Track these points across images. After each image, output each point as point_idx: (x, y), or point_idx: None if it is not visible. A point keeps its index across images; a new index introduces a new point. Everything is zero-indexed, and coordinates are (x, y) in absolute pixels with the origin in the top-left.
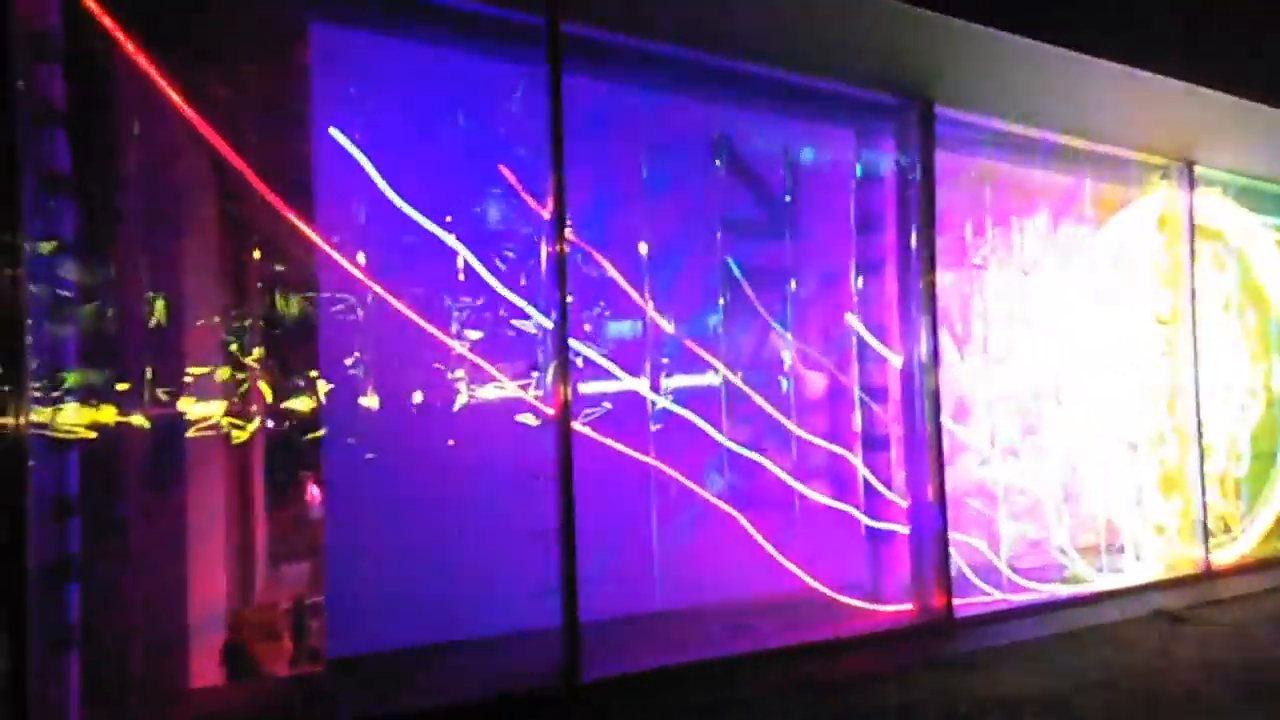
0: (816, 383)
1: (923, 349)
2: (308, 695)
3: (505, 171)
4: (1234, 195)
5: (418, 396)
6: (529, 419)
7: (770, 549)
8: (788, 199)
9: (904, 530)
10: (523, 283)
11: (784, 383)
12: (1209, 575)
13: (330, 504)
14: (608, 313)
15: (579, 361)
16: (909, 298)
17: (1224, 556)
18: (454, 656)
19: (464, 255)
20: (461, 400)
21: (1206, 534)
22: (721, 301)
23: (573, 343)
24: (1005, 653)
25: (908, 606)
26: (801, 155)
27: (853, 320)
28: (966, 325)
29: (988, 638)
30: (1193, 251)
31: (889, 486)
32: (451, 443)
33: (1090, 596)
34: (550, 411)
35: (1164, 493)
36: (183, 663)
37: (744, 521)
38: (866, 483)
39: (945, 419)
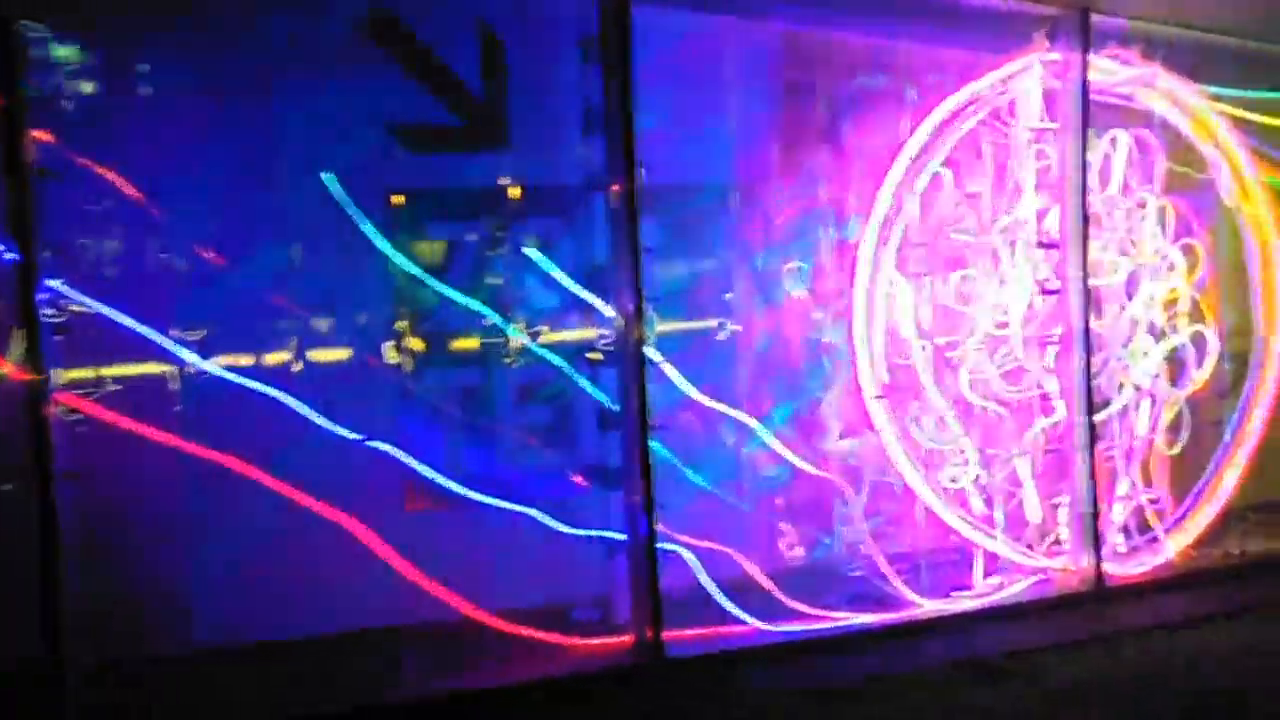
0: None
1: (628, 299)
2: None
3: None
4: (1164, 57)
5: None
6: None
7: (398, 564)
8: (485, 93)
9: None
10: None
11: (399, 354)
12: (1098, 596)
13: None
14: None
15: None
16: (618, 227)
17: (1129, 568)
18: None
19: None
20: None
21: (1097, 536)
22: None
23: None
24: None
25: (626, 639)
26: (504, 31)
27: (535, 255)
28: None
29: (692, 695)
30: (1085, 141)
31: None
32: None
33: (892, 629)
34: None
35: (1033, 480)
36: None
37: (361, 531)
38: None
39: (695, 391)
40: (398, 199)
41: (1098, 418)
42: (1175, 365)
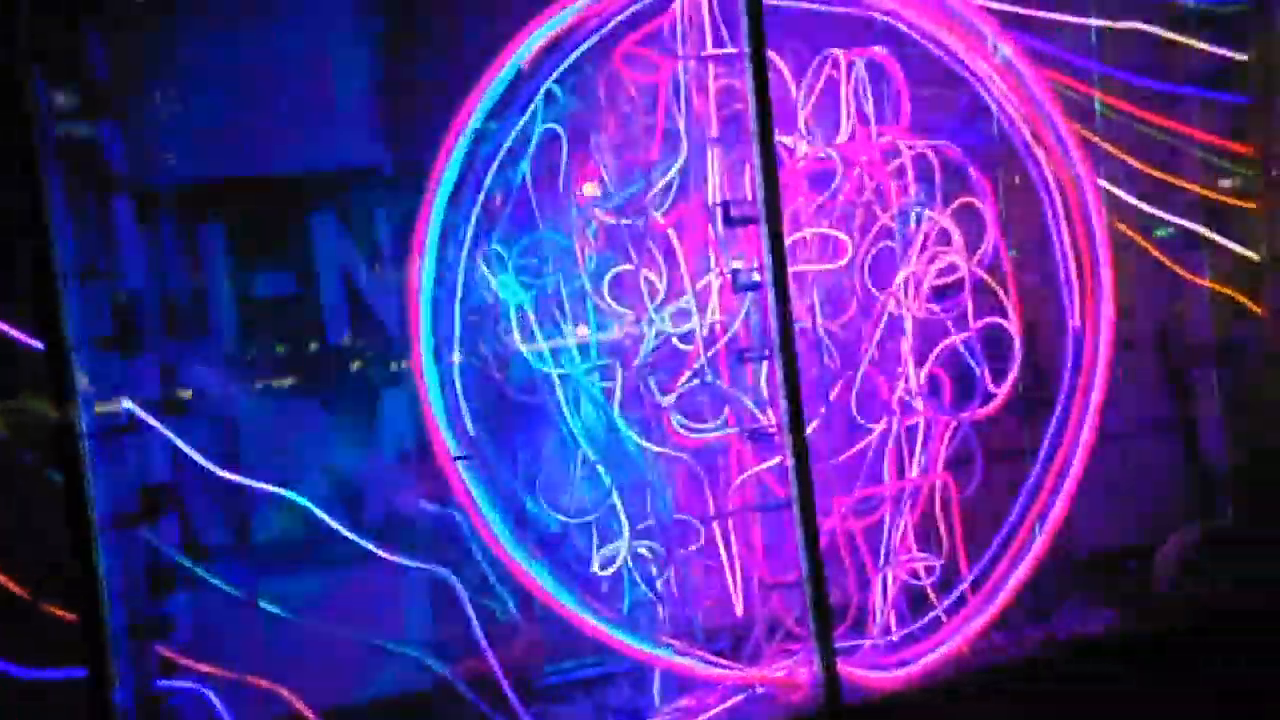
0: None
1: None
2: None
3: None
4: None
5: None
6: None
7: None
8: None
9: None
10: None
11: None
12: (835, 717)
13: None
14: None
15: None
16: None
17: (885, 667)
18: None
19: None
20: None
21: (825, 620)
22: None
23: None
24: None
25: None
26: None
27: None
28: None
29: None
30: (760, 73)
31: None
32: None
33: None
34: None
35: (733, 552)
36: None
37: None
38: None
39: (202, 459)
40: None
41: (839, 459)
42: (962, 376)
